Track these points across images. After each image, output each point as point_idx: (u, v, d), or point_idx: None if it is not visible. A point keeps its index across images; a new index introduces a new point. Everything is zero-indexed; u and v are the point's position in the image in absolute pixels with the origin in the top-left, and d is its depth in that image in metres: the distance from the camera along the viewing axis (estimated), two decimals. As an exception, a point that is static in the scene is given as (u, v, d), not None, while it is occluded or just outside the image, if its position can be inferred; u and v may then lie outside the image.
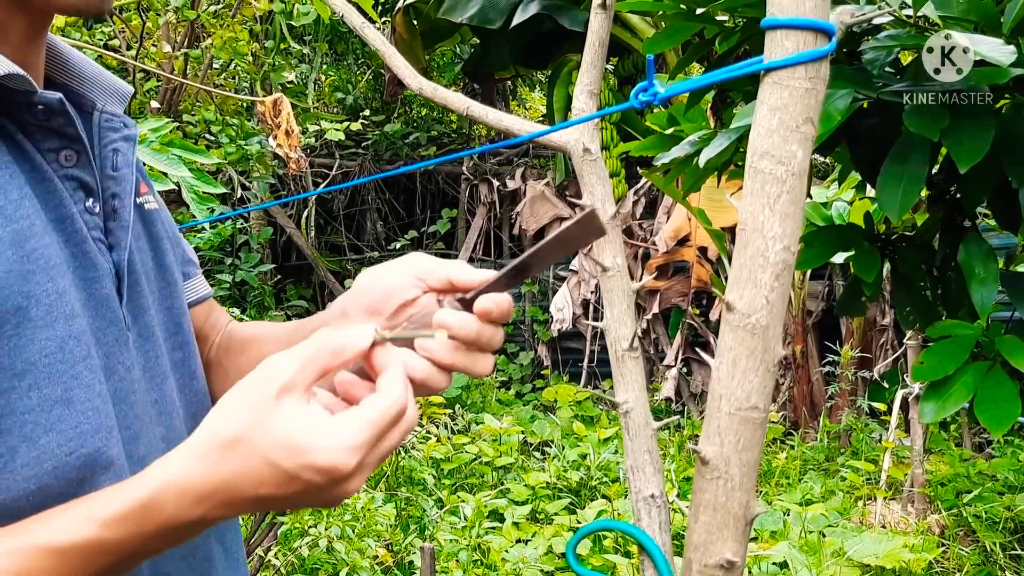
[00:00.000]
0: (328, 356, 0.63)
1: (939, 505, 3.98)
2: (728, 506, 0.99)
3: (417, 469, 4.18)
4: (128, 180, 0.76)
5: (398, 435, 0.64)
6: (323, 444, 0.60)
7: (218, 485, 0.60)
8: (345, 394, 0.67)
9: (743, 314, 0.96)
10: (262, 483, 0.60)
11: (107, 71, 0.83)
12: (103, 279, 0.71)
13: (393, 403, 0.63)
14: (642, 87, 1.11)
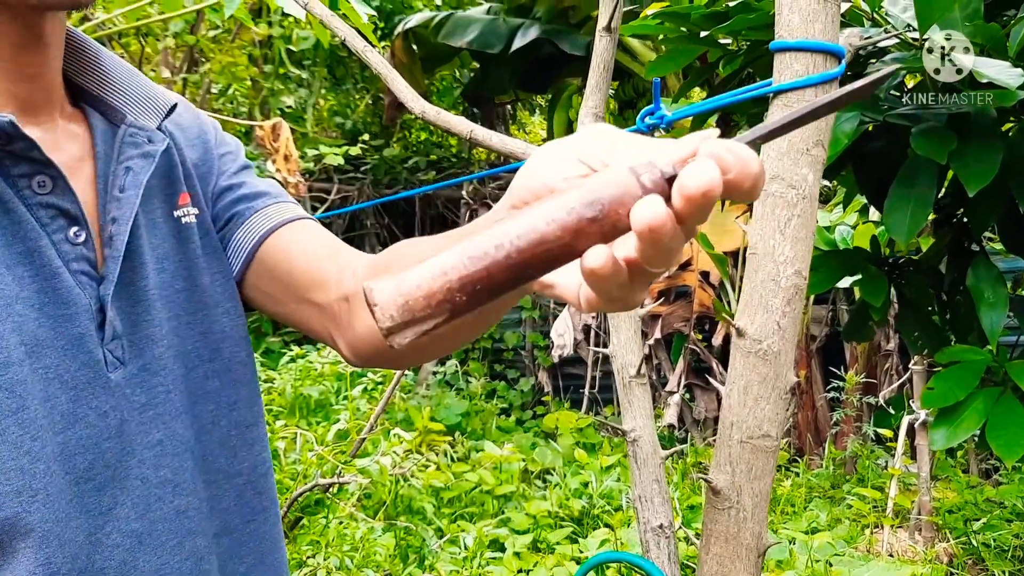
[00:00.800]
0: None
1: (947, 533, 3.93)
2: (740, 537, 0.97)
3: (416, 498, 4.13)
4: (131, 203, 0.70)
5: None
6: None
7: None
8: None
9: (754, 340, 0.94)
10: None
11: (148, 81, 0.78)
12: (77, 316, 0.65)
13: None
14: (648, 110, 1.09)
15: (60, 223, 0.66)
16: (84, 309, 0.66)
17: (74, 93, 0.75)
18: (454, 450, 5.14)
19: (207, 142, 0.84)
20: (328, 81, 8.21)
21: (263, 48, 5.38)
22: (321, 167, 6.92)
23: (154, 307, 0.72)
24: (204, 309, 0.76)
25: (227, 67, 4.53)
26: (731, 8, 1.52)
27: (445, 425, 5.13)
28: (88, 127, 0.73)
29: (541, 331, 7.36)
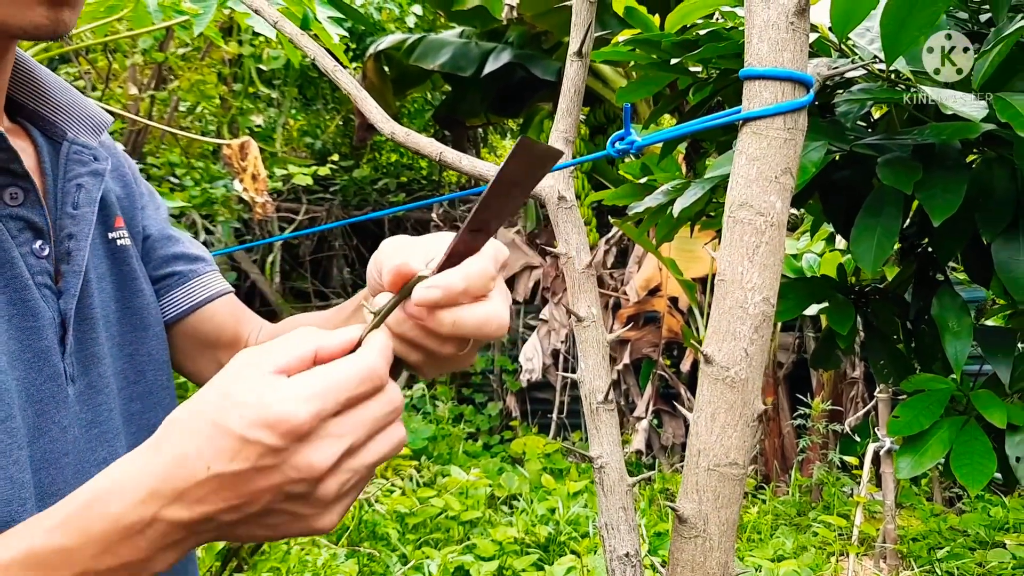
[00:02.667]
0: (311, 342, 0.54)
1: (911, 561, 3.95)
2: (706, 566, 0.95)
3: (380, 523, 4.07)
4: (88, 220, 0.71)
5: (377, 408, 0.53)
6: (274, 396, 0.50)
7: (165, 469, 0.51)
8: None
9: (722, 367, 0.93)
10: (214, 455, 0.50)
11: (85, 98, 0.78)
12: (44, 330, 0.65)
13: (361, 363, 0.52)
14: (619, 135, 1.09)
15: (27, 236, 0.66)
16: (49, 323, 0.66)
17: (9, 108, 0.74)
18: (420, 475, 5.09)
19: (125, 175, 0.85)
20: (298, 101, 8.19)
21: (232, 67, 5.36)
22: (290, 187, 6.89)
23: (98, 325, 0.72)
24: (134, 331, 0.77)
25: (196, 85, 4.49)
26: (701, 37, 1.53)
27: (411, 449, 5.08)
28: (32, 142, 0.72)
29: (510, 355, 7.34)
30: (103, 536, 0.50)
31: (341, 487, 0.52)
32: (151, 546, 0.51)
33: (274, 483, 0.51)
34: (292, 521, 0.53)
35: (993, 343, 1.61)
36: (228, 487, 0.51)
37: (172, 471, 0.51)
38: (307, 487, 0.51)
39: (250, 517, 0.52)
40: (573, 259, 1.29)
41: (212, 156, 5.78)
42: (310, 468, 0.50)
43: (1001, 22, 1.38)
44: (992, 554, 3.81)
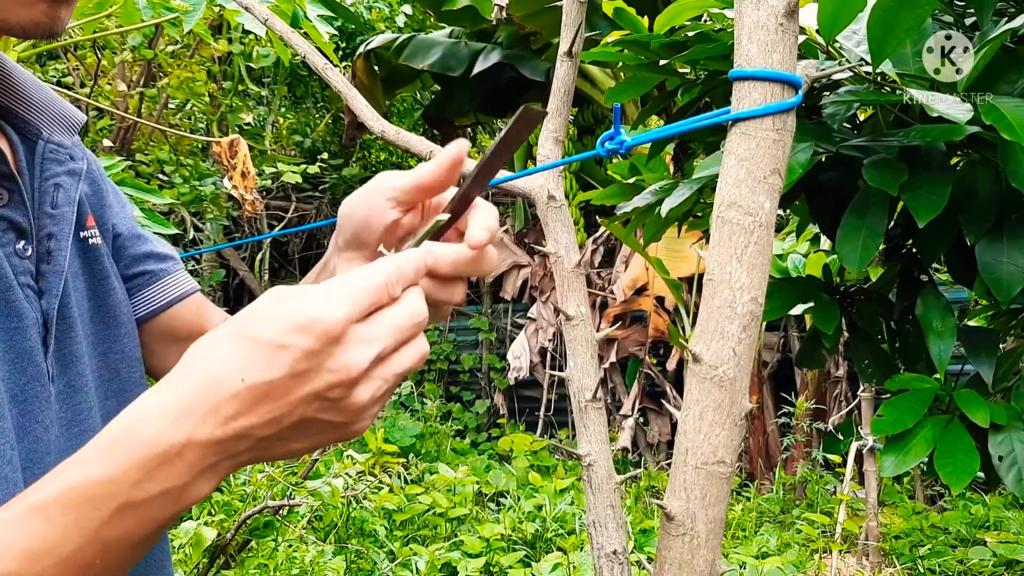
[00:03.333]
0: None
1: (894, 559, 3.98)
2: (694, 564, 0.97)
3: (368, 520, 4.08)
4: (67, 220, 0.70)
5: (405, 316, 0.55)
6: (304, 303, 0.51)
7: (196, 389, 0.50)
8: None
9: (710, 366, 0.95)
10: (247, 366, 0.50)
11: (59, 97, 0.77)
12: (28, 330, 0.65)
13: (388, 269, 0.55)
14: (608, 135, 1.10)
15: (11, 236, 0.66)
16: (32, 323, 0.66)
17: None
18: (407, 472, 5.09)
19: (92, 173, 0.84)
20: (288, 99, 8.17)
21: (222, 64, 5.34)
22: (279, 185, 6.87)
23: (75, 324, 0.72)
24: (107, 329, 0.77)
25: (185, 82, 4.48)
26: (690, 38, 1.54)
27: (399, 447, 5.08)
28: (8, 141, 0.72)
29: (497, 353, 7.35)
30: (141, 462, 0.50)
31: (373, 394, 0.53)
32: (189, 469, 0.50)
33: (311, 389, 0.51)
34: (327, 430, 0.53)
35: (976, 343, 1.63)
36: (264, 398, 0.50)
37: (204, 390, 0.50)
38: (343, 391, 0.52)
39: (285, 430, 0.52)
40: (562, 258, 1.30)
41: (201, 153, 5.76)
42: (347, 370, 0.51)
43: (986, 26, 1.40)
44: (973, 552, 3.85)
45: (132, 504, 0.50)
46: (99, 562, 0.50)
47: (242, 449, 0.52)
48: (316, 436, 0.54)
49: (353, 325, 0.52)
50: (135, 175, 4.20)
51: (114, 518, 0.49)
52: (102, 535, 0.49)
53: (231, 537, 2.40)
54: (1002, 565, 3.72)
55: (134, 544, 0.51)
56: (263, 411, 0.51)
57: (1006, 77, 1.37)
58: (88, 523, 0.49)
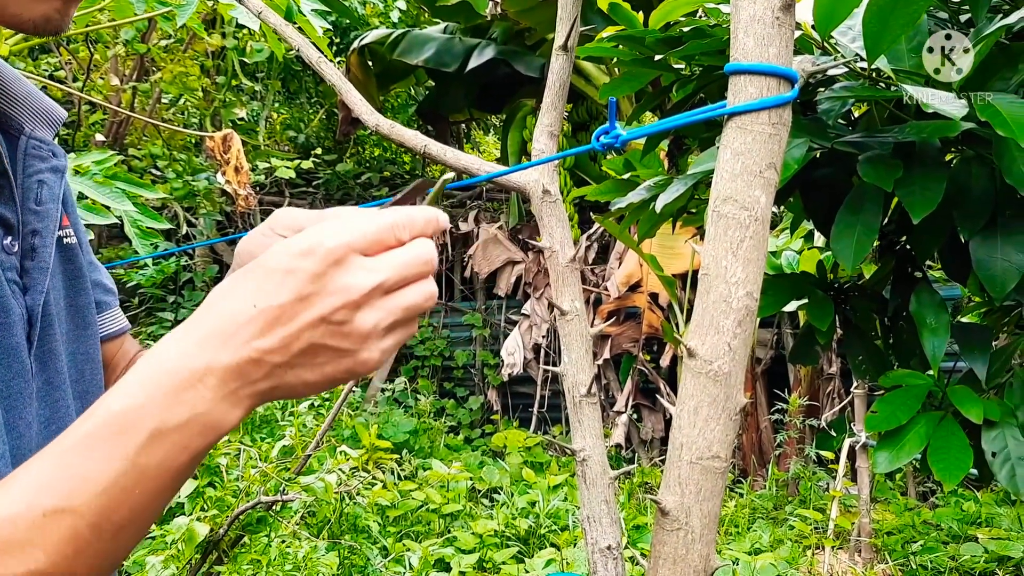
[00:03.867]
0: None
1: (886, 555, 4.00)
2: (688, 559, 0.96)
3: (362, 516, 4.07)
4: (52, 217, 0.70)
5: (409, 254, 0.58)
6: (308, 234, 0.55)
7: (213, 321, 0.54)
8: None
9: (705, 361, 0.94)
10: (258, 293, 0.54)
11: (40, 92, 0.76)
12: (14, 326, 0.64)
13: (392, 213, 0.58)
14: (604, 130, 1.10)
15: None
16: (18, 319, 0.65)
17: None
18: (401, 468, 5.09)
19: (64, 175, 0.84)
20: (281, 94, 8.14)
21: (216, 59, 5.32)
22: (272, 180, 6.85)
23: (54, 322, 0.71)
24: (77, 330, 0.76)
25: (178, 77, 4.46)
26: (685, 33, 1.54)
27: (392, 443, 5.07)
28: None
29: (491, 349, 7.35)
30: (168, 389, 0.53)
31: (378, 322, 0.56)
32: (212, 395, 0.54)
33: (317, 312, 0.54)
34: (336, 358, 0.56)
35: (970, 340, 1.63)
36: (275, 322, 0.54)
37: (220, 320, 0.55)
38: (346, 314, 0.55)
39: (296, 357, 0.55)
40: (557, 253, 1.30)
41: (194, 148, 5.74)
42: (347, 290, 0.55)
43: (981, 22, 1.40)
44: (965, 548, 3.86)
45: (163, 431, 0.52)
46: (138, 490, 0.52)
47: (259, 376, 0.55)
48: (326, 365, 0.56)
49: (355, 254, 0.55)
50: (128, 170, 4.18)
51: (148, 445, 0.52)
52: (139, 462, 0.52)
53: (224, 532, 2.39)
54: (994, 561, 3.73)
55: (170, 474, 0.53)
56: (274, 335, 0.54)
57: (1001, 74, 1.37)
58: (125, 451, 0.52)
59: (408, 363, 7.40)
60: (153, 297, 6.49)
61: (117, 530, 0.52)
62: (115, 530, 0.52)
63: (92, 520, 0.51)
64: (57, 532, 0.50)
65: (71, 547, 0.51)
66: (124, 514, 0.52)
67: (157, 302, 6.58)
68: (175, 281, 6.76)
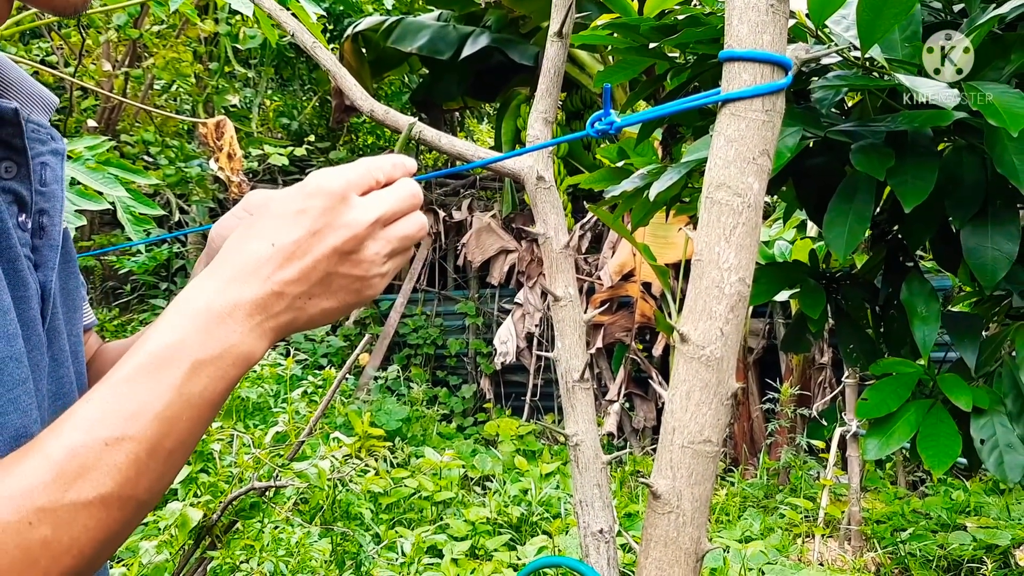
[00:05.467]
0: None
1: (875, 543, 4.03)
2: (679, 541, 0.97)
3: (354, 503, 4.08)
4: (58, 197, 0.72)
5: (398, 192, 0.66)
6: (311, 177, 0.64)
7: (235, 262, 0.61)
8: None
9: (697, 346, 0.95)
10: (274, 233, 0.61)
11: (31, 77, 0.77)
12: (31, 299, 0.66)
13: (378, 159, 0.68)
14: (598, 116, 1.10)
15: (14, 209, 0.67)
16: (34, 293, 0.67)
17: None
18: (394, 456, 5.10)
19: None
20: (275, 81, 8.11)
21: (208, 45, 5.29)
22: (265, 167, 6.82)
23: (57, 301, 0.73)
24: (68, 312, 0.78)
25: (171, 63, 4.43)
26: (680, 22, 1.54)
27: (385, 431, 5.08)
28: None
29: (484, 338, 7.36)
30: (203, 325, 0.59)
31: (380, 251, 0.64)
32: (241, 328, 0.60)
33: (329, 244, 0.62)
34: (349, 284, 0.64)
35: (960, 328, 1.64)
36: (292, 256, 0.61)
37: (241, 260, 0.61)
38: (355, 244, 0.63)
39: (314, 287, 0.63)
40: (551, 239, 1.30)
41: (187, 135, 5.71)
42: (355, 224, 0.63)
43: (974, 12, 1.40)
44: (953, 536, 3.89)
45: (202, 362, 0.59)
46: (185, 417, 0.58)
47: (280, 308, 0.62)
48: (340, 292, 0.64)
49: (353, 193, 0.64)
50: (120, 156, 4.17)
51: (190, 375, 0.58)
52: (184, 391, 0.58)
53: (217, 518, 2.39)
54: (982, 549, 3.76)
55: (210, 402, 0.60)
56: (292, 268, 0.61)
57: (993, 63, 1.37)
58: (171, 381, 0.58)
59: (401, 351, 7.41)
60: (145, 284, 6.47)
61: (168, 454, 0.58)
62: (167, 454, 0.58)
63: (148, 446, 0.56)
64: (120, 458, 0.55)
65: (133, 470, 0.56)
66: (174, 439, 0.58)
67: (149, 289, 6.56)
68: (168, 268, 6.74)
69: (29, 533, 0.52)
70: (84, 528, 0.54)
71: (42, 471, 0.54)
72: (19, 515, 0.52)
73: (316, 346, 6.87)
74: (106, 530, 0.56)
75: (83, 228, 5.59)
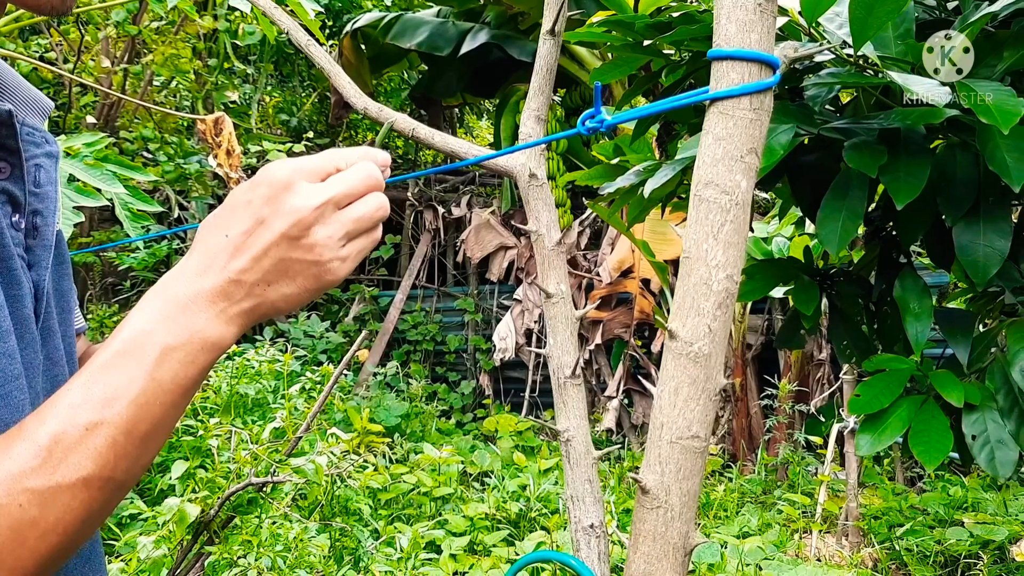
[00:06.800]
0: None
1: (872, 538, 4.04)
2: (668, 536, 0.98)
3: (353, 499, 4.09)
4: (52, 198, 0.73)
5: (354, 174, 0.67)
6: (266, 166, 0.65)
7: (196, 255, 0.64)
8: None
9: (686, 342, 0.96)
10: (227, 224, 0.64)
11: (27, 81, 0.78)
12: (25, 298, 0.67)
13: (338, 150, 0.68)
14: (589, 114, 1.10)
15: (7, 209, 0.68)
16: (28, 292, 0.68)
17: None
18: (392, 451, 5.11)
19: None
20: (274, 78, 8.11)
21: (207, 42, 5.29)
22: (265, 164, 6.82)
23: (51, 301, 0.74)
24: (63, 313, 0.79)
25: (170, 59, 4.43)
26: (674, 19, 1.54)
27: (384, 426, 5.09)
28: None
29: (483, 334, 7.36)
30: (169, 313, 0.62)
31: (332, 234, 0.65)
32: (206, 315, 0.63)
33: (276, 231, 0.63)
34: (304, 269, 0.65)
35: (953, 324, 1.65)
36: (242, 245, 0.63)
37: (201, 252, 0.64)
38: (301, 229, 0.64)
39: (269, 273, 0.64)
40: (543, 236, 1.31)
41: (186, 131, 5.71)
42: (299, 209, 0.63)
43: (967, 9, 1.41)
44: (951, 532, 3.90)
45: (171, 347, 0.61)
46: (158, 401, 0.61)
47: (241, 295, 0.64)
48: (298, 277, 0.65)
49: (301, 179, 0.64)
50: (119, 152, 4.18)
51: (160, 361, 0.61)
52: (156, 376, 0.61)
53: (215, 513, 2.40)
54: (979, 545, 3.77)
55: (182, 387, 0.62)
56: (244, 256, 0.63)
57: (986, 61, 1.38)
58: (143, 366, 0.60)
59: (400, 347, 7.42)
60: (145, 280, 6.48)
61: (144, 437, 0.61)
62: (143, 437, 0.61)
63: (125, 429, 0.59)
64: (100, 441, 0.58)
65: (111, 453, 0.59)
66: (149, 423, 0.61)
67: (149, 285, 6.56)
68: (167, 264, 6.74)
69: (19, 514, 0.56)
70: (68, 508, 0.57)
71: (29, 455, 0.57)
72: (9, 497, 0.55)
73: (315, 342, 6.87)
74: (87, 509, 0.59)
75: (82, 224, 5.59)
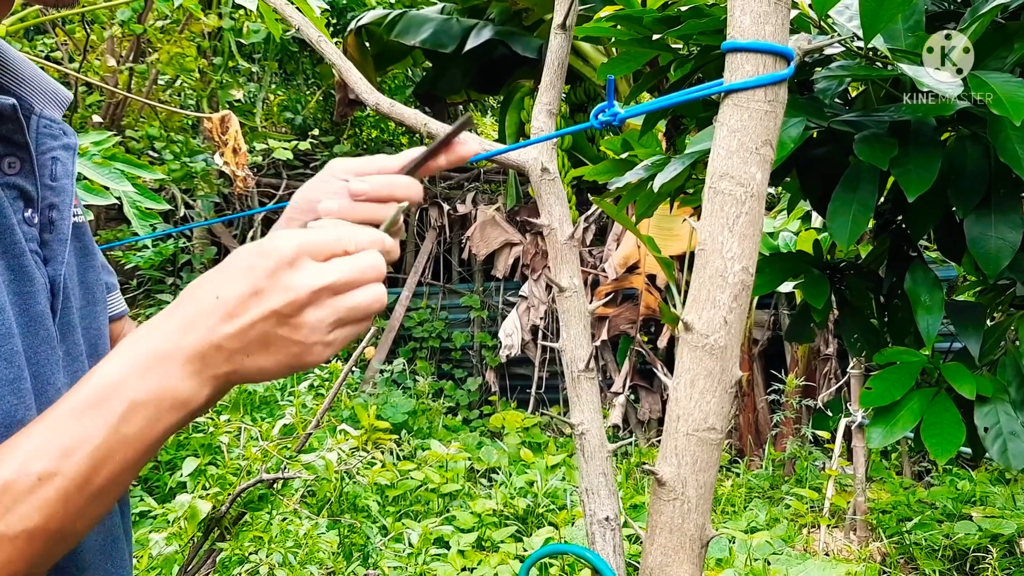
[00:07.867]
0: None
1: (881, 533, 4.04)
2: (684, 528, 0.99)
3: (361, 495, 4.10)
4: (68, 191, 0.72)
5: (358, 262, 0.64)
6: (271, 236, 0.63)
7: (182, 310, 0.61)
8: None
9: (702, 334, 0.96)
10: (220, 285, 0.61)
11: (45, 73, 0.78)
12: (38, 294, 0.67)
13: (345, 228, 0.65)
14: (601, 108, 1.11)
15: (20, 204, 0.68)
16: (42, 288, 0.67)
17: None
18: (400, 448, 5.12)
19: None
20: (279, 76, 8.12)
21: (212, 40, 5.31)
22: (270, 162, 6.84)
23: (71, 295, 0.74)
24: (88, 305, 0.79)
25: (175, 58, 4.45)
26: (683, 13, 1.54)
27: (391, 423, 5.10)
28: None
29: (489, 331, 7.37)
30: (143, 366, 0.59)
31: (323, 319, 0.62)
32: (180, 373, 0.60)
33: (268, 305, 0.60)
34: (286, 347, 0.62)
35: (964, 317, 1.65)
36: (231, 312, 0.60)
37: (189, 307, 0.61)
38: (294, 309, 0.61)
39: (251, 344, 0.61)
40: (556, 230, 1.31)
41: (192, 130, 5.73)
42: (296, 289, 0.61)
43: (976, 1, 1.40)
44: (959, 526, 3.90)
45: (140, 402, 0.59)
46: (119, 456, 0.58)
47: (220, 360, 0.61)
48: (278, 354, 0.62)
49: (306, 257, 0.62)
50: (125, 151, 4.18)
51: (127, 414, 0.58)
52: (121, 430, 0.58)
53: (226, 510, 2.41)
54: (987, 538, 3.77)
55: (146, 443, 0.60)
56: (232, 323, 0.60)
57: (996, 53, 1.37)
58: (108, 418, 0.58)
59: (407, 344, 7.42)
60: (152, 279, 6.50)
61: (98, 491, 0.58)
62: (97, 491, 0.58)
63: (79, 482, 0.57)
64: (50, 493, 0.56)
65: (61, 506, 0.56)
66: (105, 477, 0.58)
67: (155, 284, 6.59)
68: (173, 263, 6.76)
69: None
70: (8, 560, 0.55)
71: None
72: None
73: (322, 340, 6.87)
74: (28, 562, 0.57)
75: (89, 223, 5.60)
